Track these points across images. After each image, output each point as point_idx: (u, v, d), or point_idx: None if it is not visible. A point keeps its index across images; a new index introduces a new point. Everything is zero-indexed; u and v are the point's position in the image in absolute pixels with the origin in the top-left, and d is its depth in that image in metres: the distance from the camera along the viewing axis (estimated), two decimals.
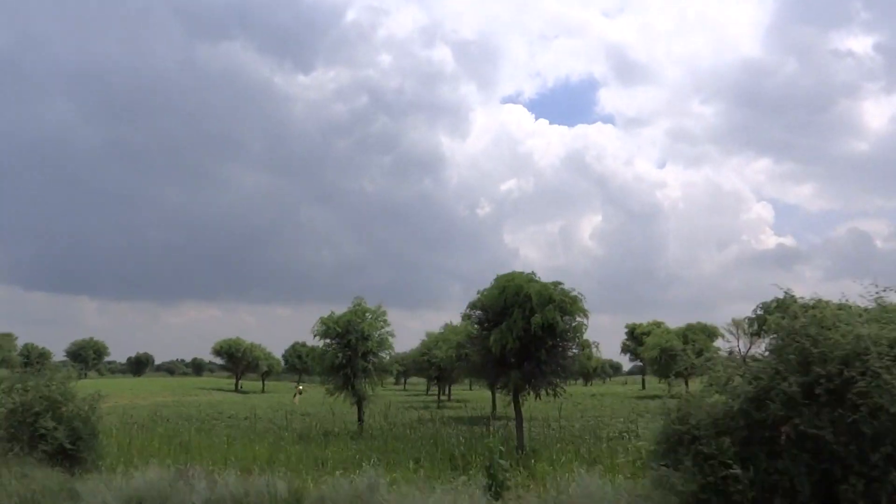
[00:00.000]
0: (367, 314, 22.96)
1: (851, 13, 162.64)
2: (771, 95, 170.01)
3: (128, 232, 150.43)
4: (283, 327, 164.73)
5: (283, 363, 76.73)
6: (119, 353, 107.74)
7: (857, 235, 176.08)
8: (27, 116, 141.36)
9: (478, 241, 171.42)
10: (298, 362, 70.77)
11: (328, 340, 22.73)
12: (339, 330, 22.26)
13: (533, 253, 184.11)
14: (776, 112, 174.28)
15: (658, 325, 58.09)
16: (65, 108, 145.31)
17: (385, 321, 23.34)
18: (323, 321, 22.57)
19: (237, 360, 65.71)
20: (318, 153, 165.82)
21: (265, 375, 71.57)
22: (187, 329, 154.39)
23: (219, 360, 70.09)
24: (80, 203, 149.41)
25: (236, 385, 66.79)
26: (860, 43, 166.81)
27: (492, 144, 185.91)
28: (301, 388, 41.23)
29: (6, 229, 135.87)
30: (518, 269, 18.10)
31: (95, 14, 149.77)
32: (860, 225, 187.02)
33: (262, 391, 66.75)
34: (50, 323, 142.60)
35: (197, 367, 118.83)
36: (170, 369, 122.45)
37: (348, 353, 22.28)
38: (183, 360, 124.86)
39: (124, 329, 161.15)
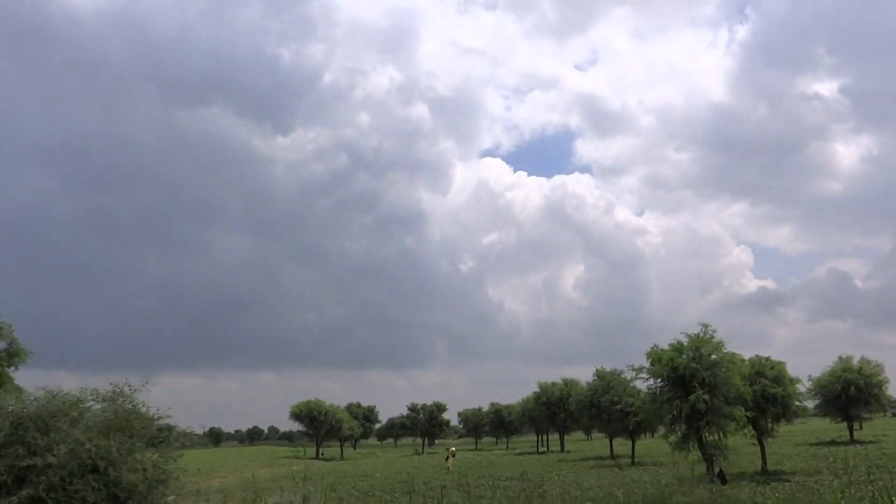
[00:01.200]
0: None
1: (816, 58, 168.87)
2: (743, 140, 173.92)
3: (106, 303, 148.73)
4: (266, 393, 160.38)
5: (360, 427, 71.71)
6: None
7: (836, 276, 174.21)
8: (2, 190, 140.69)
9: (462, 296, 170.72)
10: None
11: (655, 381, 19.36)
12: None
13: (517, 305, 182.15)
14: (749, 156, 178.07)
15: None
16: (41, 180, 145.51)
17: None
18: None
19: (318, 425, 59.77)
20: (299, 214, 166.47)
21: (344, 440, 65.97)
22: (168, 399, 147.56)
23: (297, 426, 64.12)
24: (57, 275, 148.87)
25: (317, 452, 60.84)
26: (826, 86, 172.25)
27: (472, 198, 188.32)
28: (454, 450, 35.88)
29: None
30: (503, 322, 14.74)
31: (72, 84, 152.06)
32: (839, 265, 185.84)
33: (342, 457, 60.83)
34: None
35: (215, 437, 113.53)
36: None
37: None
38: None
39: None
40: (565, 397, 46.34)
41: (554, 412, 48.91)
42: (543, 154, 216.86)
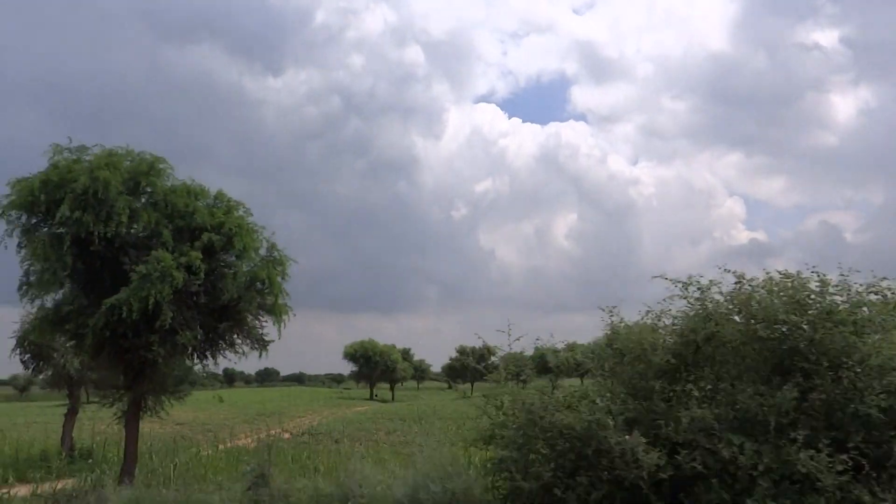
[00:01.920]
0: None
1: (817, 6, 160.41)
2: (741, 90, 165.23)
3: None
4: None
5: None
6: None
7: (826, 228, 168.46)
8: None
9: (453, 243, 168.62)
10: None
11: None
12: None
13: (509, 253, 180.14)
14: (746, 106, 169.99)
15: None
16: (30, 118, 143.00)
17: None
18: None
19: (373, 365, 59.12)
20: (290, 157, 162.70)
21: (395, 382, 65.38)
22: None
23: (351, 366, 63.63)
24: None
25: (371, 393, 60.50)
26: (827, 36, 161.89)
27: (466, 145, 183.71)
28: None
29: None
30: (494, 270, 11.79)
31: (58, 19, 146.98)
32: (830, 218, 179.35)
33: (393, 399, 60.31)
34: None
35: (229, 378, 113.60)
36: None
37: None
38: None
39: None
40: None
41: None
42: (538, 101, 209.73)
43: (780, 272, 6.25)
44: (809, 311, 5.81)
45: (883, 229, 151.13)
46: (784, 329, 5.74)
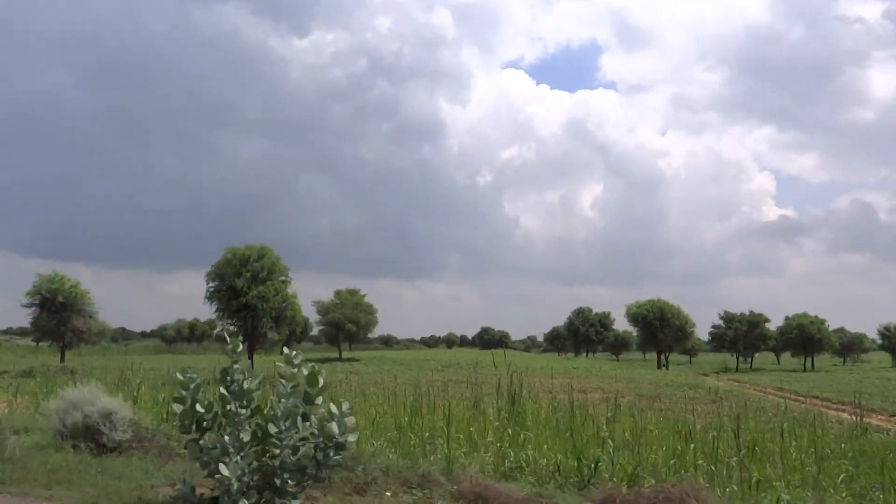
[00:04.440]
0: None
1: None
2: (777, 62, 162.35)
3: (124, 199, 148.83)
4: None
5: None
6: (115, 321, 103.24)
7: (860, 207, 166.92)
8: (19, 80, 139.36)
9: (477, 210, 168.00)
10: None
11: None
12: None
13: (533, 222, 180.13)
14: (781, 79, 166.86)
15: None
16: (58, 72, 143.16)
17: None
18: None
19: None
20: (315, 119, 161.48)
21: None
22: (185, 298, 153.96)
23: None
24: (75, 170, 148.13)
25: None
26: (870, 9, 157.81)
27: (492, 111, 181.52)
28: None
29: (3, 197, 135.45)
30: (518, 238, 12.36)
31: None
32: (863, 196, 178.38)
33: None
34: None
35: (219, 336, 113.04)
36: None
37: None
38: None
39: (120, 297, 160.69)
40: None
41: None
42: (568, 68, 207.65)
43: None
44: None
45: None
46: None
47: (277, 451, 5.02)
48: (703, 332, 64.52)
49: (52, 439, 7.27)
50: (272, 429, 4.95)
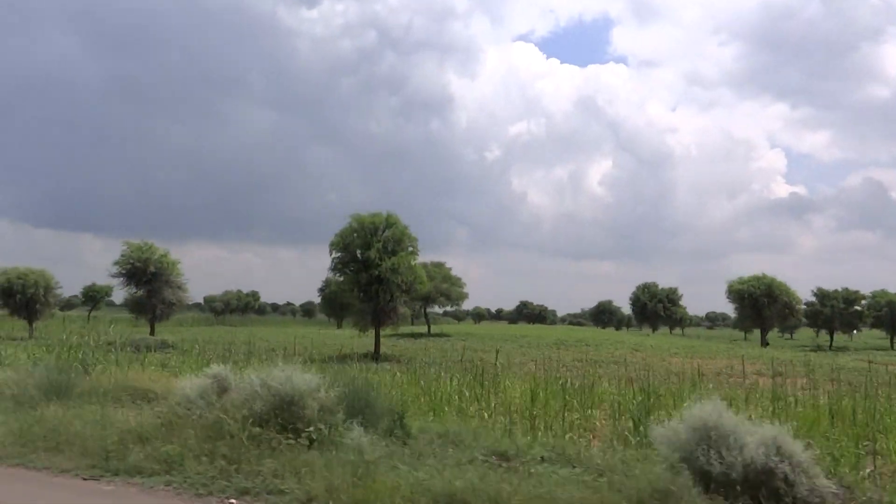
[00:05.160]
0: None
1: None
2: (791, 38, 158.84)
3: (133, 170, 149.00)
4: (287, 269, 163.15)
5: None
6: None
7: (871, 185, 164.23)
8: (26, 50, 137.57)
9: (485, 185, 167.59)
10: None
11: None
12: None
13: (541, 198, 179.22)
14: (796, 56, 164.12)
15: None
16: (66, 43, 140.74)
17: None
18: None
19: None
20: (323, 91, 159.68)
21: None
22: (193, 269, 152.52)
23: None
24: (84, 141, 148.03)
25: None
26: None
27: (502, 85, 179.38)
28: None
29: (14, 167, 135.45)
30: (525, 213, 9.83)
31: None
32: (875, 174, 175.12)
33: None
34: (58, 260, 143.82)
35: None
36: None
37: None
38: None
39: None
40: None
41: None
42: (578, 42, 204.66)
43: None
44: None
45: None
46: None
47: None
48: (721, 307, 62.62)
49: None
50: None
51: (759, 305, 47.52)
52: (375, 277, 27.26)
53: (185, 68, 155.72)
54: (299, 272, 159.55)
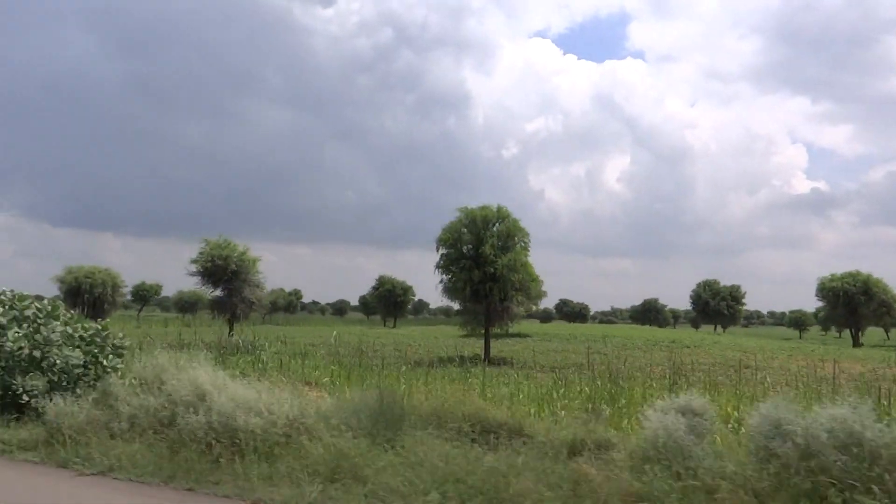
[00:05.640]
0: None
1: None
2: (812, 31, 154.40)
3: (151, 169, 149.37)
4: (303, 266, 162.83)
5: None
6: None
7: (894, 179, 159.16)
8: (46, 50, 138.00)
9: (502, 182, 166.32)
10: None
11: None
12: None
13: (558, 195, 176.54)
14: (816, 49, 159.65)
15: None
16: (84, 42, 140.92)
17: None
18: None
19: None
20: (339, 90, 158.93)
21: None
22: None
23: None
24: (102, 140, 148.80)
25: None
26: None
27: (518, 81, 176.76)
28: None
29: (34, 167, 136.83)
30: (543, 210, 6.35)
31: None
32: None
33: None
34: (79, 258, 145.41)
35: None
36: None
37: None
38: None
39: (148, 265, 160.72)
40: None
41: None
42: (595, 38, 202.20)
43: None
44: None
45: None
46: None
47: None
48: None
49: None
50: None
51: (855, 303, 44.99)
52: (490, 275, 25.39)
53: (202, 67, 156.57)
54: (317, 270, 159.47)
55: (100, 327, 7.95)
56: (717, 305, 67.36)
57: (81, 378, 7.23)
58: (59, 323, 7.63)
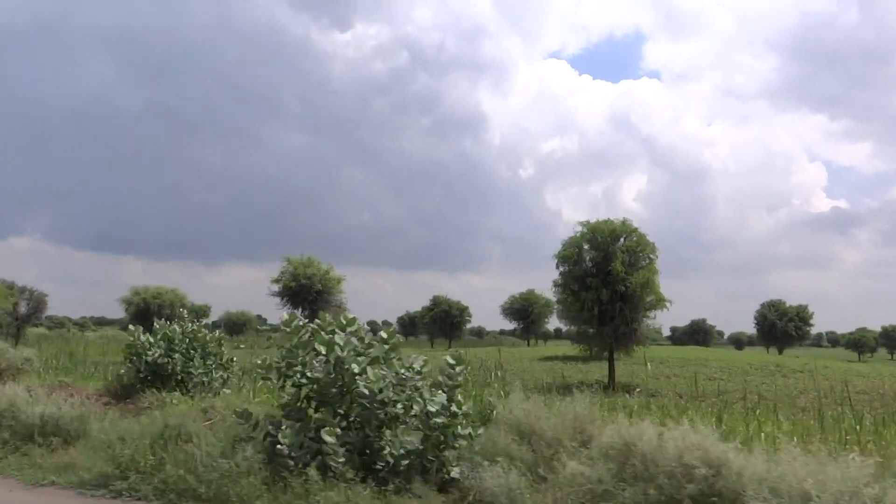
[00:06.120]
0: None
1: None
2: (829, 48, 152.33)
3: (171, 193, 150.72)
4: None
5: None
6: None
7: None
8: (67, 79, 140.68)
9: (519, 203, 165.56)
10: None
11: None
12: None
13: (575, 215, 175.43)
14: (834, 66, 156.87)
15: None
16: (104, 71, 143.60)
17: None
18: None
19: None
20: (356, 113, 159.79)
21: None
22: (230, 289, 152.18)
23: None
24: (123, 165, 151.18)
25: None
26: None
27: (534, 102, 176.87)
28: None
29: (55, 191, 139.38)
30: (560, 230, 3.65)
31: None
32: None
33: None
34: (100, 282, 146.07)
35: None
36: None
37: None
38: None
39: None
40: None
41: None
42: (610, 57, 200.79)
43: None
44: None
45: None
46: None
47: None
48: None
49: None
50: None
51: None
52: (620, 294, 23.35)
53: (220, 92, 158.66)
54: None
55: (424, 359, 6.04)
56: (784, 326, 64.57)
57: (447, 428, 5.29)
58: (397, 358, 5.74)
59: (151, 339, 10.72)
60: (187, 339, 11.04)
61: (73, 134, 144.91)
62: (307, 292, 31.70)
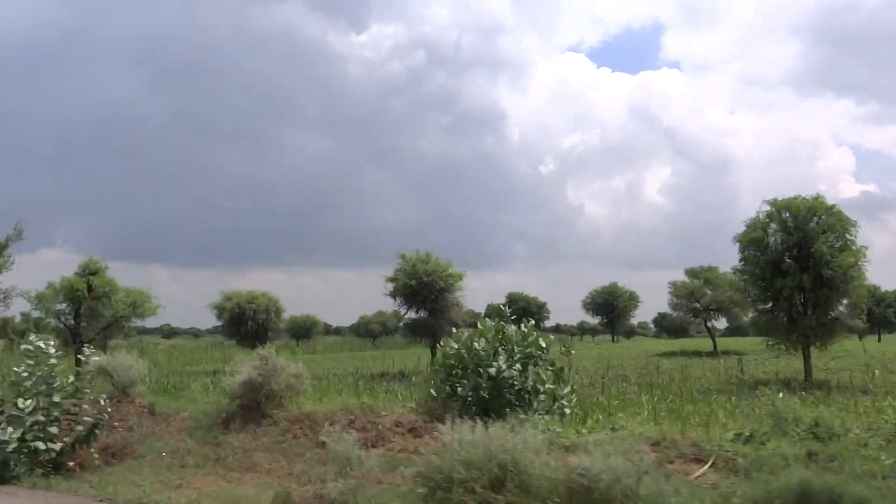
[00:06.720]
0: None
1: None
2: (853, 31, 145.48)
3: (195, 200, 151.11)
4: (346, 290, 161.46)
5: None
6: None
7: None
8: (93, 91, 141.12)
9: (541, 199, 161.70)
10: None
11: None
12: None
13: (598, 209, 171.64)
14: (858, 50, 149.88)
15: None
16: (129, 81, 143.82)
17: None
18: None
19: None
20: (374, 114, 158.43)
21: None
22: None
23: None
24: (148, 174, 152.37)
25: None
26: None
27: (553, 97, 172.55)
28: None
29: (84, 203, 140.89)
30: (583, 225, 0.56)
31: None
32: None
33: None
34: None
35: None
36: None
37: None
38: None
39: (196, 295, 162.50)
40: None
41: None
42: (629, 49, 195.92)
43: None
44: None
45: None
46: None
47: None
48: None
49: None
50: None
51: None
52: (825, 280, 20.47)
53: (242, 99, 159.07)
54: (360, 293, 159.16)
55: None
56: (882, 312, 60.69)
57: None
58: None
59: (483, 346, 8.25)
60: (512, 345, 8.58)
61: (99, 144, 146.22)
62: (428, 291, 29.24)
